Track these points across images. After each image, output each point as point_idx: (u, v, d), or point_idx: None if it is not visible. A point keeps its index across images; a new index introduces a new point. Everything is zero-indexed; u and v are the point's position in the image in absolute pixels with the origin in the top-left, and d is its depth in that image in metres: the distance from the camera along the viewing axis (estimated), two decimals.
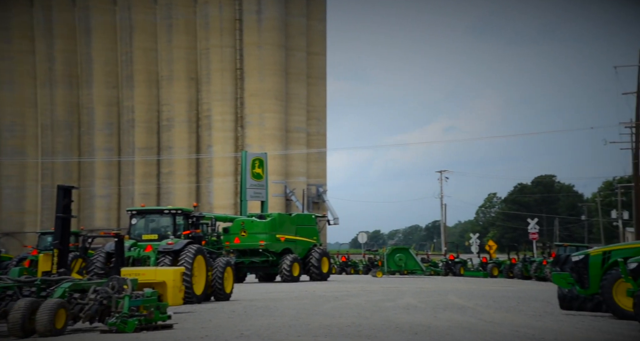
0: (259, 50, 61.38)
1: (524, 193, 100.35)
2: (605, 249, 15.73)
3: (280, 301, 17.69)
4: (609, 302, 14.61)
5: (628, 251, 15.00)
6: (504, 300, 18.55)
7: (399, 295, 20.02)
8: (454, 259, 40.88)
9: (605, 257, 15.25)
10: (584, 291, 15.40)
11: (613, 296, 14.52)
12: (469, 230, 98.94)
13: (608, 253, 15.34)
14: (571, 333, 11.61)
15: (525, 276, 35.57)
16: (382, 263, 37.08)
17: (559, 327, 12.38)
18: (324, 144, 66.57)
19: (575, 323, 13.30)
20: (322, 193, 64.73)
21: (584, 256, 15.56)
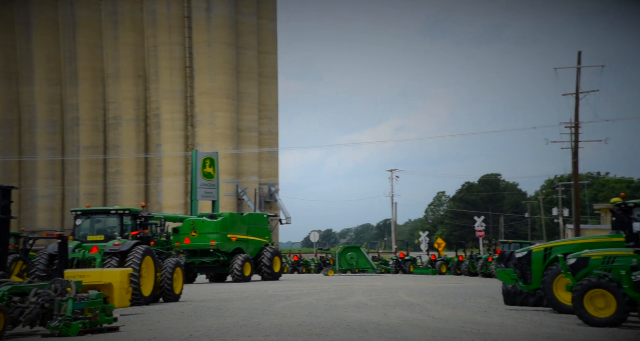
0: (209, 49, 60.63)
1: (471, 191, 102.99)
2: (546, 245, 16.31)
3: (231, 302, 17.53)
4: (550, 297, 15.16)
5: (568, 247, 15.60)
6: (452, 297, 18.98)
7: (350, 293, 20.19)
8: (404, 257, 41.54)
9: (546, 253, 15.81)
10: (526, 286, 15.93)
11: (553, 291, 15.08)
12: (419, 228, 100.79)
13: (549, 249, 15.92)
14: (514, 327, 11.99)
15: (472, 272, 36.51)
16: (333, 261, 37.30)
17: (503, 322, 12.77)
18: (275, 143, 66.41)
19: (518, 317, 13.73)
20: (274, 192, 64.54)
21: (527, 252, 16.10)
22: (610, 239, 15.17)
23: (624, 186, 78.55)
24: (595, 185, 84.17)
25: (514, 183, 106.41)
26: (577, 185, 36.80)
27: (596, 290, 12.40)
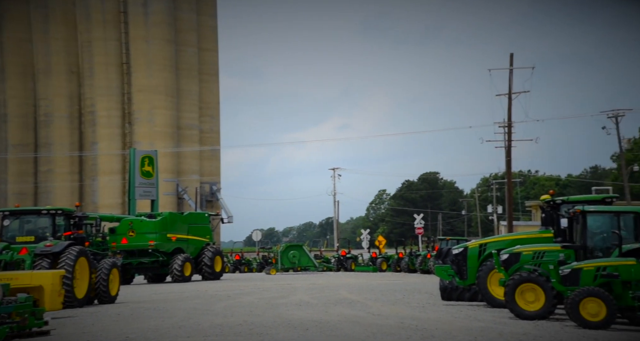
0: (147, 45, 59.17)
1: (411, 189, 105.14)
2: (481, 242, 16.86)
3: (170, 302, 17.19)
4: (484, 292, 15.70)
5: (501, 243, 16.18)
6: (391, 293, 19.33)
7: (292, 292, 20.20)
8: (346, 255, 41.95)
9: (481, 249, 16.35)
10: (462, 282, 16.43)
11: (487, 286, 15.61)
12: (361, 226, 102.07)
13: (484, 245, 16.46)
14: (450, 322, 12.34)
15: (411, 269, 37.30)
16: (276, 260, 37.21)
17: (440, 317, 13.12)
18: (217, 142, 65.59)
19: (454, 312, 14.14)
20: (215, 191, 63.74)
21: (463, 249, 16.59)
22: (540, 235, 15.85)
23: (553, 183, 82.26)
24: (527, 183, 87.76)
25: (451, 181, 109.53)
26: (510, 183, 38.23)
27: (527, 284, 12.92)
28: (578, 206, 14.02)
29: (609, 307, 11.65)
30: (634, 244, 13.17)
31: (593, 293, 11.75)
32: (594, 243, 13.64)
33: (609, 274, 12.06)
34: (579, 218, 13.61)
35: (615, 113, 40.76)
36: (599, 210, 13.79)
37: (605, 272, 12.12)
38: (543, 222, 16.19)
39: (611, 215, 13.66)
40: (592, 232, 13.73)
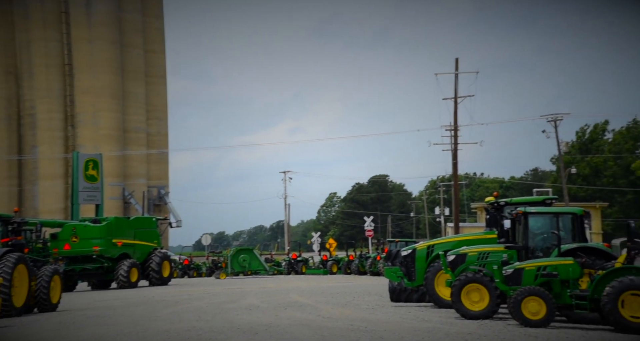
0: (90, 46, 57.49)
1: (361, 192, 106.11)
2: (429, 243, 17.18)
3: (115, 309, 16.70)
4: (431, 292, 16.00)
5: (448, 244, 16.53)
6: (341, 296, 19.43)
7: (242, 296, 20.01)
8: (297, 258, 41.92)
9: (429, 251, 16.65)
10: (411, 283, 16.69)
11: (435, 287, 15.93)
12: (312, 229, 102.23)
13: (431, 247, 16.78)
14: (398, 323, 12.50)
15: (362, 271, 37.62)
16: (225, 264, 36.80)
17: (389, 319, 13.27)
18: (165, 145, 64.32)
19: (402, 314, 14.33)
20: (164, 194, 62.46)
21: (412, 250, 16.87)
22: (485, 236, 16.27)
23: (497, 185, 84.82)
24: (472, 185, 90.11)
25: (400, 184, 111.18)
26: (457, 185, 39.15)
27: (472, 285, 13.24)
28: (520, 208, 14.50)
29: (548, 306, 12.07)
30: (572, 244, 13.71)
31: (534, 292, 12.14)
32: (535, 243, 14.12)
33: (549, 274, 12.50)
34: (521, 219, 14.06)
35: (554, 117, 42.37)
36: (539, 211, 14.29)
37: (546, 271, 12.56)
38: (488, 223, 16.63)
39: (551, 216, 14.18)
40: (533, 232, 14.21)
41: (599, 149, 66.88)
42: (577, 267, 12.46)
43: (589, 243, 14.13)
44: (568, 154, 59.44)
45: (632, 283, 11.46)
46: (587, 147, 67.65)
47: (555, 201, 16.67)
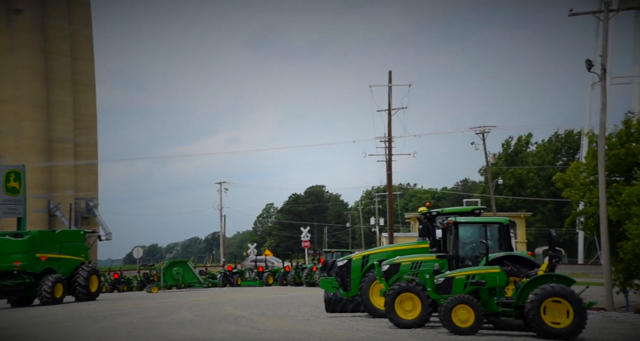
0: (12, 53, 54.83)
1: (298, 202, 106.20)
2: (364, 253, 17.40)
3: (37, 327, 15.86)
4: (366, 302, 16.18)
5: (382, 254, 16.81)
6: (277, 307, 19.30)
7: (174, 310, 19.49)
8: (232, 269, 41.36)
9: (364, 261, 16.86)
10: (346, 293, 16.82)
11: (370, 297, 16.12)
12: (248, 240, 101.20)
13: (367, 257, 17.01)
14: (334, 334, 12.55)
15: (298, 282, 37.56)
16: (158, 277, 35.78)
17: (324, 329, 13.30)
18: (95, 155, 62.00)
19: (337, 324, 14.40)
20: (92, 207, 60.14)
21: (347, 260, 17.03)
22: (418, 246, 16.67)
23: (429, 196, 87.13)
24: (406, 196, 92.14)
25: (337, 194, 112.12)
26: (391, 196, 39.91)
27: (405, 294, 13.50)
28: (451, 218, 14.95)
29: (476, 313, 12.47)
30: (499, 253, 14.26)
31: (463, 300, 12.52)
32: (464, 252, 14.59)
33: (477, 282, 12.94)
34: (452, 229, 14.51)
35: (482, 130, 44.06)
36: (468, 221, 14.79)
37: (474, 280, 12.98)
38: (420, 233, 17.04)
39: (479, 226, 14.71)
40: (463, 242, 14.68)
41: (523, 160, 70.10)
42: (504, 275, 12.96)
43: (514, 252, 14.74)
44: (495, 166, 61.96)
45: (553, 290, 12.02)
46: (512, 159, 70.76)
47: (484, 211, 17.31)
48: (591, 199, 19.46)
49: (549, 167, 65.66)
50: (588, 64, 19.33)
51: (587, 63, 19.34)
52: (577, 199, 20.47)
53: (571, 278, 12.72)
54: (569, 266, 43.39)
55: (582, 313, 11.84)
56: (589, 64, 19.35)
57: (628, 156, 18.88)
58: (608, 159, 18.99)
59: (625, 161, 19.08)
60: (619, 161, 19.16)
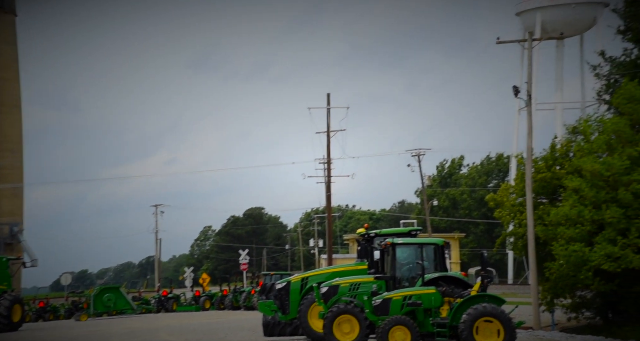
0: None
1: (236, 225, 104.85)
2: (303, 275, 17.33)
3: None
4: (304, 325, 16.06)
5: (321, 276, 16.80)
6: (214, 332, 18.85)
7: (104, 339, 18.66)
8: (167, 294, 40.15)
9: (303, 283, 16.78)
10: (285, 316, 16.64)
11: (308, 320, 16.01)
12: (184, 264, 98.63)
13: (306, 279, 16.94)
14: None
15: (235, 306, 36.88)
16: (87, 305, 34.23)
17: None
18: (19, 179, 59.02)
19: None
20: (17, 232, 57.06)
21: (286, 283, 16.89)
22: (356, 267, 16.77)
23: (367, 217, 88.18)
24: (344, 217, 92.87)
25: (276, 216, 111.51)
26: (330, 217, 40.09)
27: (344, 316, 13.52)
28: (388, 239, 15.18)
29: (412, 334, 12.64)
30: (434, 274, 14.57)
31: (400, 321, 12.67)
32: (401, 273, 14.81)
33: (414, 303, 13.13)
34: (389, 250, 14.72)
35: (417, 152, 45.28)
36: (405, 242, 15.06)
37: (411, 301, 13.17)
38: (359, 254, 17.17)
39: (416, 247, 15.00)
40: (400, 263, 14.91)
41: (457, 182, 72.34)
42: (439, 296, 13.22)
43: (449, 272, 15.10)
44: (430, 188, 63.58)
45: (484, 310, 12.37)
46: (446, 181, 72.89)
47: (420, 232, 17.68)
48: (520, 220, 20.24)
49: (481, 189, 68.07)
50: (515, 90, 20.30)
51: (514, 89, 20.31)
52: (508, 220, 21.25)
53: (502, 298, 13.13)
54: (499, 286, 44.76)
55: (512, 332, 12.22)
56: (516, 90, 20.31)
57: (553, 179, 19.84)
58: (535, 182, 19.87)
59: (551, 184, 20.03)
60: (545, 183, 20.09)
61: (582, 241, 16.77)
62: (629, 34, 22.71)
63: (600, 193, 17.09)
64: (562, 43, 49.65)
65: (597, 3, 47.21)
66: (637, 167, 16.83)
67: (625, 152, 17.22)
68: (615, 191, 16.98)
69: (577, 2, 46.60)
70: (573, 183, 17.50)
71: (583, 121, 19.74)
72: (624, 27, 22.79)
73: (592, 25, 48.19)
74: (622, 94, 18.33)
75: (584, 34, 49.46)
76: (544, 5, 47.44)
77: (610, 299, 18.38)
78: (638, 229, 16.12)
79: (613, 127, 17.82)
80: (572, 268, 16.91)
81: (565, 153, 20.28)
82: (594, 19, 47.43)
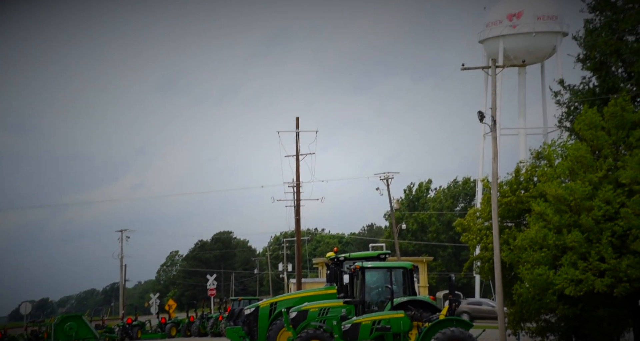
0: None
1: (204, 249, 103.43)
2: (272, 300, 17.19)
3: None
4: None
5: (290, 301, 16.70)
6: None
7: None
8: (132, 322, 39.15)
9: (272, 308, 16.64)
10: None
11: None
12: (150, 290, 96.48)
13: (274, 304, 16.80)
14: None
15: (203, 333, 36.15)
16: (48, 334, 33.11)
17: None
18: None
19: None
20: None
21: (255, 308, 16.71)
22: (325, 292, 16.73)
23: (337, 241, 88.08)
24: (313, 241, 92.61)
25: (244, 240, 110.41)
26: (299, 241, 39.89)
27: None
28: (357, 263, 15.21)
29: None
30: (403, 298, 14.62)
31: None
32: (371, 297, 14.82)
33: (383, 328, 13.13)
34: (359, 274, 14.73)
35: (386, 176, 45.67)
36: (374, 266, 15.12)
37: (380, 325, 13.17)
38: (328, 278, 17.13)
39: (385, 270, 15.07)
40: (370, 287, 14.93)
41: (425, 206, 73.06)
42: (408, 320, 13.25)
43: (417, 296, 15.18)
44: (398, 211, 64.04)
45: (452, 334, 12.44)
46: (414, 204, 73.54)
47: (389, 255, 17.77)
48: (487, 244, 20.51)
49: (448, 213, 68.83)
50: (480, 115, 20.78)
51: (479, 114, 20.79)
52: (475, 244, 21.51)
53: (469, 321, 13.22)
54: None
55: None
56: (481, 116, 20.79)
57: (518, 203, 20.24)
58: (501, 206, 20.22)
59: (516, 208, 20.42)
60: (511, 207, 20.48)
61: (546, 265, 17.08)
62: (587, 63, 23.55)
63: (564, 217, 17.49)
64: (525, 70, 51.14)
65: (556, 32, 48.93)
66: (598, 193, 17.31)
67: (587, 177, 17.73)
68: (578, 216, 17.41)
69: (538, 31, 48.19)
70: (539, 207, 17.89)
71: (547, 146, 20.28)
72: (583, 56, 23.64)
73: (552, 54, 49.85)
74: (582, 121, 18.92)
75: (544, 61, 51.09)
76: (505, 34, 48.93)
77: (573, 323, 18.68)
78: (598, 253, 16.51)
79: (575, 154, 18.35)
80: (538, 291, 17.18)
81: (530, 178, 20.75)
82: (554, 47, 49.10)
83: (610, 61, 22.86)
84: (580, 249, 16.78)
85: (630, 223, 16.44)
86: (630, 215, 16.40)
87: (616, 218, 16.74)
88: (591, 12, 26.80)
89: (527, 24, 47.99)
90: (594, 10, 26.52)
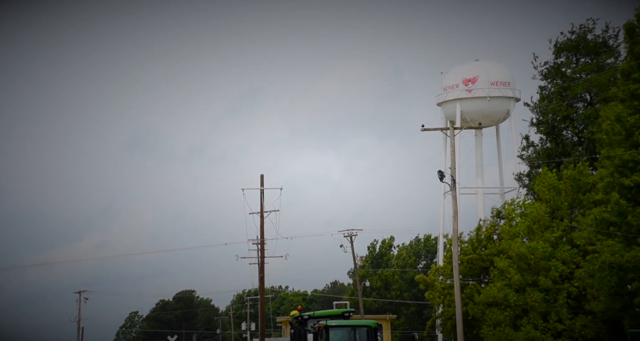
0: None
1: (166, 309, 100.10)
2: None
3: None
4: None
5: None
6: None
7: None
8: None
9: None
10: None
11: None
12: None
13: None
14: None
15: None
16: None
17: None
18: None
19: None
20: None
21: None
22: None
23: (300, 298, 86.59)
24: (277, 299, 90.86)
25: (207, 299, 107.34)
26: (263, 299, 39.26)
27: None
28: (322, 321, 15.20)
29: None
30: None
31: None
32: None
33: None
34: (323, 333, 14.70)
35: (350, 233, 45.84)
36: (339, 324, 15.14)
37: None
38: (292, 337, 16.98)
39: (349, 329, 15.09)
40: None
41: (388, 263, 73.12)
42: None
43: None
44: (363, 268, 63.92)
45: None
46: (378, 261, 73.55)
47: (353, 313, 17.78)
48: (450, 301, 20.76)
49: (411, 270, 68.97)
50: (440, 174, 21.54)
51: (439, 174, 21.55)
52: (438, 302, 21.72)
53: None
54: None
55: None
56: (441, 175, 21.55)
57: (479, 261, 20.73)
58: (462, 264, 20.66)
59: (477, 266, 20.89)
60: (472, 265, 20.93)
61: (508, 324, 17.39)
62: (541, 127, 24.91)
63: (526, 276, 17.99)
64: (481, 132, 53.05)
65: (509, 97, 51.33)
66: (555, 253, 17.95)
67: (544, 237, 18.42)
68: (537, 275, 17.94)
69: (492, 96, 50.45)
70: (502, 262, 18.38)
71: (508, 204, 21.05)
72: (536, 120, 25.04)
73: (506, 118, 52.07)
74: (542, 182, 19.81)
75: (499, 124, 53.25)
76: (462, 97, 51.00)
77: None
78: (557, 314, 16.93)
79: (533, 213, 19.10)
80: None
81: (490, 236, 21.38)
82: (508, 111, 51.37)
83: (561, 126, 24.26)
84: (540, 309, 17.18)
85: (584, 283, 17.01)
86: (585, 276, 16.98)
87: (572, 278, 17.31)
88: (543, 79, 28.57)
89: (482, 89, 50.22)
90: (545, 78, 28.29)
